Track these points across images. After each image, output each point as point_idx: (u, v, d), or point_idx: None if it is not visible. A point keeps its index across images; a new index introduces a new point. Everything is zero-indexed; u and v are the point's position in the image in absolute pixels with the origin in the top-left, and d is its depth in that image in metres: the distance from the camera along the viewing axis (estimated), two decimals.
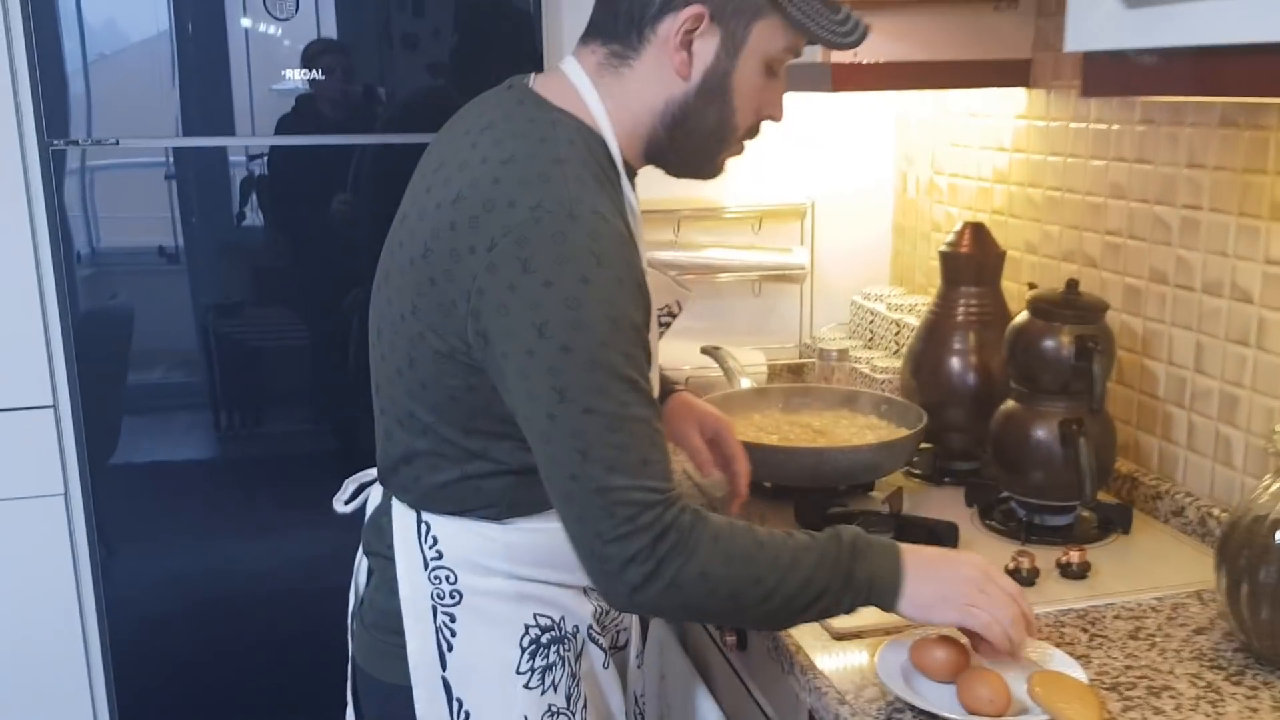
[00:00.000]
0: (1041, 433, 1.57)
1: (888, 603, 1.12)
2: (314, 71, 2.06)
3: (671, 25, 1.11)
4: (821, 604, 1.10)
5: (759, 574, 1.07)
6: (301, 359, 2.25)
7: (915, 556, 1.13)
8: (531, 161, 1.07)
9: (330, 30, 2.08)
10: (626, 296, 1.04)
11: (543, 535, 1.18)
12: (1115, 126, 1.74)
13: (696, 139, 1.17)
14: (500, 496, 1.17)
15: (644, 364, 1.07)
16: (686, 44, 1.11)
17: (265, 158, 2.12)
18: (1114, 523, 1.60)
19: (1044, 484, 1.58)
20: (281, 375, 2.26)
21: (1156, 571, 1.48)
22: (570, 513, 1.06)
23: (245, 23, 1.95)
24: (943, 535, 1.54)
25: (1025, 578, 1.42)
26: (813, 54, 1.86)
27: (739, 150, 1.21)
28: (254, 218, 2.14)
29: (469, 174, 1.09)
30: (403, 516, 1.21)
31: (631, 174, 1.20)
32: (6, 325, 2.10)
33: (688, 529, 1.05)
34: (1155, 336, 1.68)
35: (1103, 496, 1.67)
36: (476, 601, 1.19)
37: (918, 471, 1.84)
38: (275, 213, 2.16)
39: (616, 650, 1.33)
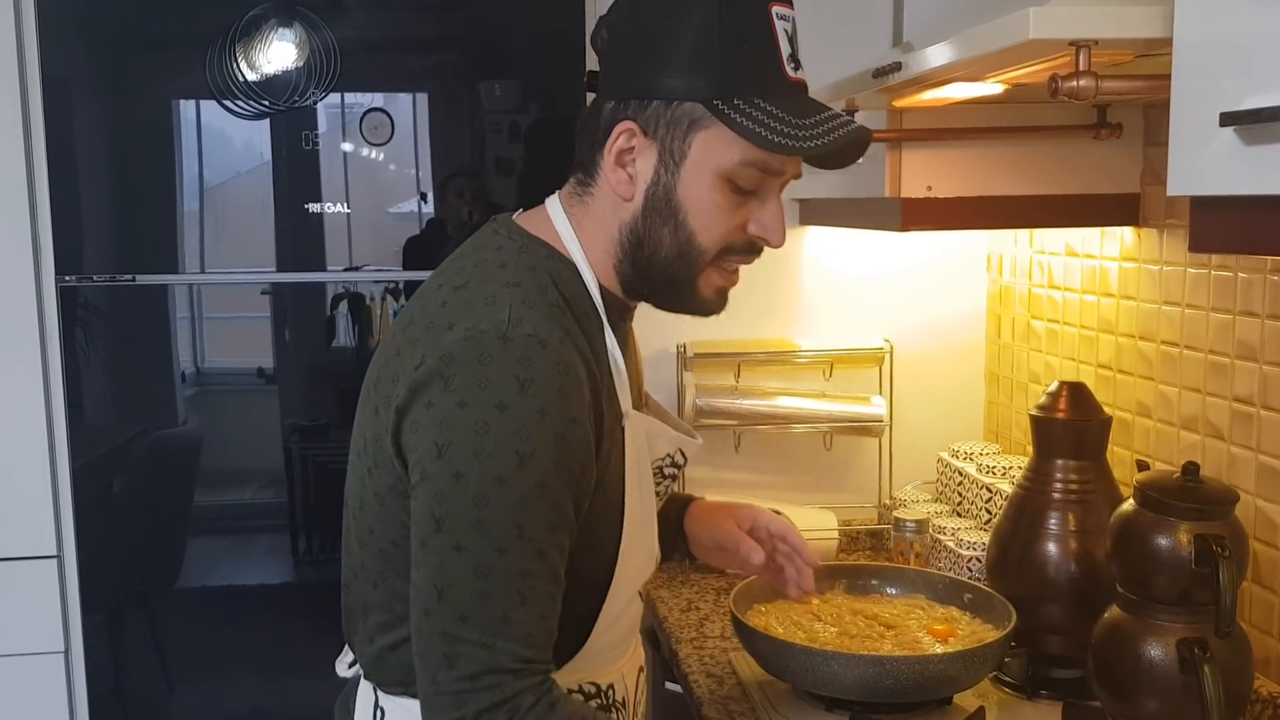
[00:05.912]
0: (1155, 652, 1.26)
1: None
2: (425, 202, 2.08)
3: (609, 145, 1.06)
4: None
5: None
6: None
7: None
8: (484, 285, 1.04)
9: (425, 155, 2.10)
10: (548, 432, 0.97)
11: None
12: (1243, 275, 1.46)
13: (659, 265, 1.09)
14: None
15: (548, 514, 0.98)
16: (624, 163, 1.06)
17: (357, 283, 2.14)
18: None
19: (1159, 716, 1.27)
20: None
21: None
22: (417, 647, 1.00)
23: (346, 147, 2.06)
24: None
25: None
26: (878, 188, 1.63)
27: (726, 277, 1.11)
28: (345, 339, 2.16)
29: (422, 300, 1.09)
30: (365, 696, 1.18)
31: (626, 310, 1.16)
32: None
33: (526, 711, 0.97)
34: None
35: None
36: None
37: (1008, 679, 1.53)
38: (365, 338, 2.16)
39: None
